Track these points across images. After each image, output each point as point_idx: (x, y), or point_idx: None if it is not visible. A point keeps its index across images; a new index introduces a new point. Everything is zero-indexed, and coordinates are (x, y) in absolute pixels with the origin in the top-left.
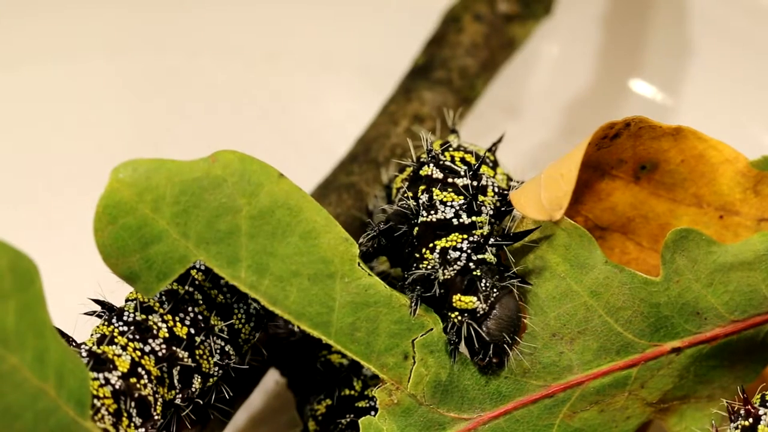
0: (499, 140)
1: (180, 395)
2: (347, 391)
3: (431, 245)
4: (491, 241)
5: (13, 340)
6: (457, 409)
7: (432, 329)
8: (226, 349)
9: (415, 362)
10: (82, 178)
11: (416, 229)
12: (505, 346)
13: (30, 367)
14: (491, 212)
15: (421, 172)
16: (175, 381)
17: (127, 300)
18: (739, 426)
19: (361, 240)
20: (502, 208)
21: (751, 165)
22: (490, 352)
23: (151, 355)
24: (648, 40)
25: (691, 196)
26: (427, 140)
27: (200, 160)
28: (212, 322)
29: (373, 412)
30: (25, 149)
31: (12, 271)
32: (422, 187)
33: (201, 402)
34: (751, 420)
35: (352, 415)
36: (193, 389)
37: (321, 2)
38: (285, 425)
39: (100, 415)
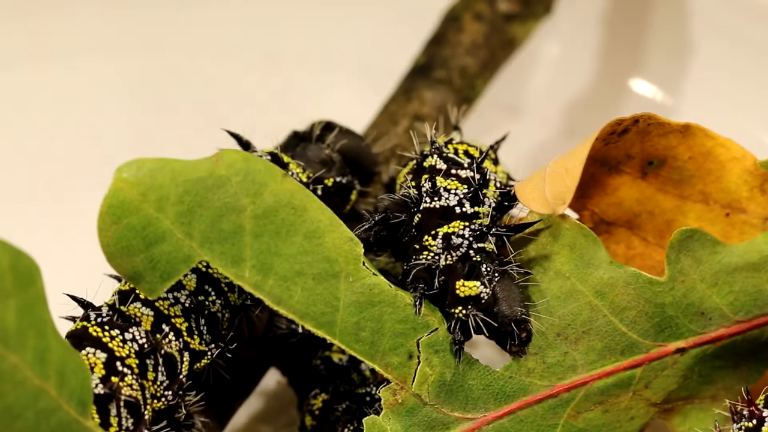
0: (503, 138)
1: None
2: (345, 386)
3: (433, 232)
4: (493, 230)
5: (13, 339)
6: (461, 409)
7: (437, 329)
8: None
9: (419, 362)
10: (82, 177)
11: (417, 217)
12: (524, 317)
13: (31, 366)
14: (493, 205)
15: (424, 164)
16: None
17: None
18: (743, 427)
19: (356, 231)
20: (505, 202)
21: (759, 165)
22: (516, 330)
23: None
24: (648, 39)
25: (697, 192)
26: (430, 133)
27: (204, 160)
28: None
29: (368, 398)
30: (25, 149)
31: (13, 270)
32: (425, 176)
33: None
34: (754, 421)
35: (347, 402)
36: None
37: (321, 2)
38: (285, 425)
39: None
